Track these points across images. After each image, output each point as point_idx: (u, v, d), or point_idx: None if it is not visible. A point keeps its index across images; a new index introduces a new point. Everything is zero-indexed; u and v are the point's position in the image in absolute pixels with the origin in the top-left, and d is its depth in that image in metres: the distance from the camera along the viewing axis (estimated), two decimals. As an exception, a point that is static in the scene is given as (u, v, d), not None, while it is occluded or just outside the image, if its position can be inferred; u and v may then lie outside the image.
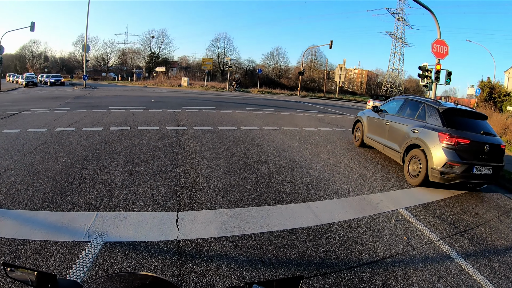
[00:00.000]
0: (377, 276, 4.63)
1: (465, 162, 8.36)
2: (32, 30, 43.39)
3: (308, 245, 5.28)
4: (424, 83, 20.40)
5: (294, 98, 47.90)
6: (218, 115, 18.70)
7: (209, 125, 15.01)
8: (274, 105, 29.23)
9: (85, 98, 27.29)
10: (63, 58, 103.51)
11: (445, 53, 19.58)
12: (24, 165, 8.19)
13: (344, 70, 70.70)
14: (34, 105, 20.71)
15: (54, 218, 5.59)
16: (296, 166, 9.60)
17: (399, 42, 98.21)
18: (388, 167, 10.58)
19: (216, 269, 4.46)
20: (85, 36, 51.12)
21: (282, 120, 19.11)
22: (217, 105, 24.24)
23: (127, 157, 9.19)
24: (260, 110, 23.32)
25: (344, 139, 14.73)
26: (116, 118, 15.70)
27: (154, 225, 5.55)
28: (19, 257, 4.40)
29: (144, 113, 17.92)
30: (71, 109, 18.72)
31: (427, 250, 5.60)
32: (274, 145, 11.97)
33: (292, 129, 15.85)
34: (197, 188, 7.25)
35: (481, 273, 5.08)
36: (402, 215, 6.90)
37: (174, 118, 16.33)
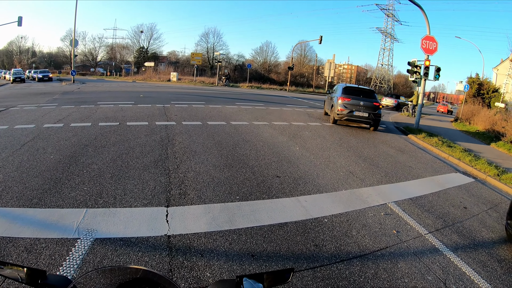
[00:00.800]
0: (367, 269, 4.65)
1: (348, 109, 16.59)
2: (19, 25, 42.78)
3: (298, 239, 5.29)
4: (413, 78, 20.54)
5: (283, 93, 47.89)
6: (208, 110, 18.65)
7: (199, 120, 14.95)
8: (263, 100, 29.20)
9: (73, 94, 27.05)
10: (51, 53, 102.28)
11: (434, 49, 19.70)
12: (12, 162, 8.10)
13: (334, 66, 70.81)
14: (21, 101, 20.48)
15: (43, 215, 5.55)
16: (286, 160, 9.62)
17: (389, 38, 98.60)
18: (378, 161, 10.65)
19: (206, 263, 4.46)
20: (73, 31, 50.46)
21: (271, 115, 19.12)
22: (207, 100, 24.16)
23: (116, 153, 9.13)
24: (250, 105, 23.28)
25: (333, 133, 14.80)
26: (105, 113, 15.59)
27: (144, 221, 5.53)
28: (8, 255, 4.37)
29: (133, 108, 17.81)
30: (59, 105, 18.54)
31: (416, 243, 5.65)
32: (263, 140, 11.98)
33: (282, 124, 15.89)
34: (186, 183, 7.24)
35: (469, 266, 5.14)
36: (391, 209, 6.95)
37: (163, 113, 16.25)
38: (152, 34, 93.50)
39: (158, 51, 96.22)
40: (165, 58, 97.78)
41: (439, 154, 13.51)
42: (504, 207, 8.10)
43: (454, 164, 12.24)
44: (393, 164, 10.71)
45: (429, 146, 14.73)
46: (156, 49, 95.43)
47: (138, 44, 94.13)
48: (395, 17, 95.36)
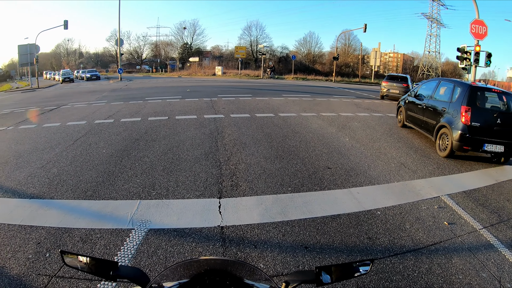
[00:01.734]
0: (421, 264, 4.56)
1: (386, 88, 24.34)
2: (65, 28, 44.50)
3: (351, 232, 5.26)
4: (463, 65, 19.83)
5: (329, 84, 47.45)
6: (255, 103, 18.74)
7: (246, 112, 15.07)
8: (309, 91, 29.03)
9: (121, 91, 27.77)
10: (97, 53, 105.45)
11: (485, 33, 18.94)
12: (66, 156, 8.44)
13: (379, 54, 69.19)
14: (72, 100, 21.25)
15: (97, 207, 5.78)
16: (336, 152, 9.56)
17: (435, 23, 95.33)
18: (429, 152, 10.38)
19: (260, 255, 4.50)
20: (117, 31, 51.81)
21: (319, 106, 18.98)
22: (253, 93, 24.25)
23: (166, 146, 9.34)
24: (296, 96, 23.21)
25: (382, 124, 14.53)
26: (153, 108, 15.94)
27: (197, 212, 5.65)
28: (64, 245, 4.57)
29: (180, 102, 18.12)
30: (109, 102, 19.12)
31: (470, 238, 5.47)
32: (312, 131, 11.93)
33: (330, 115, 15.73)
34: (238, 175, 7.32)
35: (525, 264, 4.94)
36: (445, 202, 6.77)
37: (211, 107, 16.46)
38: (195, 30, 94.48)
39: (201, 46, 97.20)
40: (209, 53, 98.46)
41: (493, 145, 13.04)
42: None
43: (510, 155, 11.78)
44: (446, 155, 10.42)
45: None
46: (199, 44, 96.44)
47: (181, 41, 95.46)
48: (440, 1, 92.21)
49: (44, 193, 6.35)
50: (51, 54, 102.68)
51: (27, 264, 4.16)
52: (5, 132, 11.98)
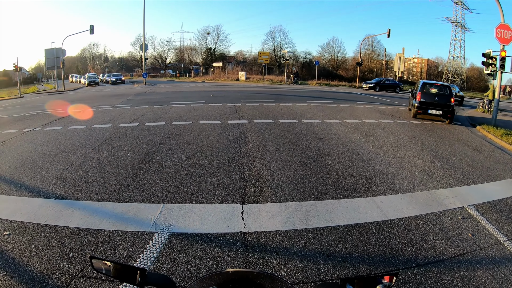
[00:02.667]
0: (443, 276, 4.51)
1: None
2: (91, 33, 45.49)
3: (373, 241, 5.24)
4: (488, 71, 19.38)
5: (352, 90, 47.17)
6: (278, 108, 18.76)
7: (270, 118, 15.08)
8: (333, 97, 28.90)
9: (146, 95, 28.08)
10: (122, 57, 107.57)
11: (510, 38, 18.43)
12: (91, 158, 8.60)
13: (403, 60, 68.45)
14: (97, 103, 21.60)
15: (121, 209, 5.89)
16: (359, 159, 9.52)
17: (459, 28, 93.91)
18: (454, 161, 10.26)
19: (281, 262, 4.52)
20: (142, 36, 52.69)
21: (342, 112, 18.88)
22: (276, 98, 24.25)
23: (190, 151, 9.43)
24: (320, 102, 23.13)
25: (407, 131, 14.40)
26: (178, 113, 16.10)
27: (219, 217, 5.70)
28: (87, 245, 4.69)
29: (204, 107, 18.25)
30: (133, 106, 19.35)
31: (494, 250, 5.37)
32: (336, 138, 11.90)
33: (353, 122, 15.67)
34: (261, 181, 7.36)
35: (551, 278, 4.84)
36: (469, 213, 6.66)
37: (235, 112, 16.54)
38: (218, 35, 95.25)
39: (225, 52, 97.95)
40: (232, 58, 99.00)
41: (518, 154, 12.81)
42: None
43: (535, 165, 11.55)
44: (470, 164, 10.25)
45: (507, 145, 13.91)
46: (223, 49, 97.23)
47: (205, 46, 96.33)
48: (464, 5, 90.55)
49: (69, 194, 6.51)
50: (77, 58, 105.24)
51: (51, 263, 4.28)
52: (32, 133, 12.26)
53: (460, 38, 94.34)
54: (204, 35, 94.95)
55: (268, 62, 74.44)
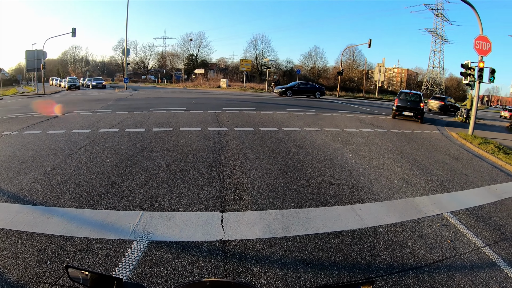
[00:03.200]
0: (423, 282, 4.56)
1: None
2: (73, 36, 45.04)
3: (353, 249, 5.27)
4: (466, 81, 19.77)
5: (333, 99, 47.50)
6: (259, 116, 18.76)
7: (250, 126, 15.08)
8: (314, 105, 29.04)
9: (126, 100, 27.86)
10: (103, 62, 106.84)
11: (488, 49, 18.89)
12: (70, 164, 8.48)
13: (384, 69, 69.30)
14: (77, 107, 21.34)
15: (100, 217, 5.80)
16: (339, 167, 9.57)
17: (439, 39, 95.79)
18: (433, 169, 10.40)
19: (261, 270, 4.51)
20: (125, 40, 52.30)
21: (322, 121, 19.00)
22: (257, 106, 24.29)
23: (170, 158, 9.37)
24: (300, 111, 23.21)
25: (386, 140, 14.55)
26: (158, 119, 15.99)
27: (199, 225, 5.66)
28: (65, 253, 4.60)
29: (185, 114, 18.16)
30: (114, 111, 19.18)
31: (472, 256, 5.47)
32: (316, 146, 11.94)
33: (333, 130, 15.76)
34: (241, 189, 7.34)
35: (528, 282, 4.93)
36: (447, 220, 6.77)
37: (215, 119, 16.50)
38: (201, 42, 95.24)
39: (207, 58, 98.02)
40: (214, 65, 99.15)
41: (495, 162, 13.00)
42: None
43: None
44: (448, 172, 10.41)
45: (485, 153, 14.18)
46: (205, 56, 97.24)
47: (187, 52, 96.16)
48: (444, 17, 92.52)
49: (47, 200, 6.39)
50: (58, 61, 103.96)
51: (28, 271, 4.19)
52: (10, 137, 12.01)
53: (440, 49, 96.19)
54: (187, 42, 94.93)
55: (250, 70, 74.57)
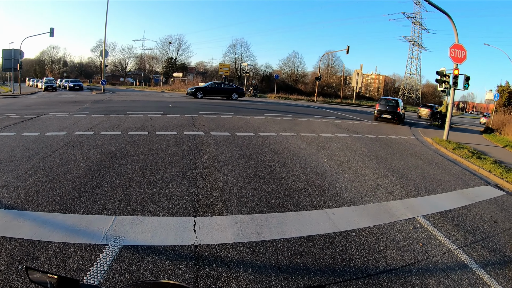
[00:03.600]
0: (394, 285, 4.61)
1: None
2: (51, 36, 44.19)
3: (325, 253, 5.28)
4: (442, 88, 20.15)
5: (311, 104, 47.75)
6: (236, 121, 18.73)
7: (227, 130, 15.03)
8: (291, 110, 29.16)
9: (103, 103, 27.53)
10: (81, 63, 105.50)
11: (463, 57, 19.31)
12: (43, 167, 8.31)
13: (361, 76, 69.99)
14: (53, 109, 20.96)
15: (72, 221, 5.69)
16: (314, 172, 9.59)
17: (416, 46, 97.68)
18: (406, 174, 10.52)
19: (233, 275, 4.49)
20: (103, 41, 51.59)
21: (299, 126, 19.06)
22: (234, 111, 24.24)
23: (145, 162, 9.27)
24: (277, 116, 23.27)
25: (361, 145, 14.68)
26: (134, 122, 15.83)
27: (171, 230, 5.61)
28: (37, 258, 4.51)
29: (162, 118, 18.03)
30: (90, 114, 18.90)
31: (444, 259, 5.56)
32: (291, 151, 11.96)
33: (310, 135, 15.82)
34: (214, 194, 7.30)
35: (499, 283, 5.03)
36: (420, 223, 6.85)
37: (192, 123, 16.40)
38: (180, 45, 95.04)
39: (186, 62, 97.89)
40: (193, 69, 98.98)
41: (469, 166, 13.25)
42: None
43: (485, 176, 11.97)
44: (422, 176, 10.56)
45: (459, 157, 14.44)
46: (184, 59, 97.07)
47: (166, 55, 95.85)
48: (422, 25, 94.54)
49: (19, 204, 6.24)
50: (35, 61, 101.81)
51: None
52: (-18, 140, 11.73)
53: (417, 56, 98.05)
54: (166, 44, 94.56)
55: (228, 74, 74.74)
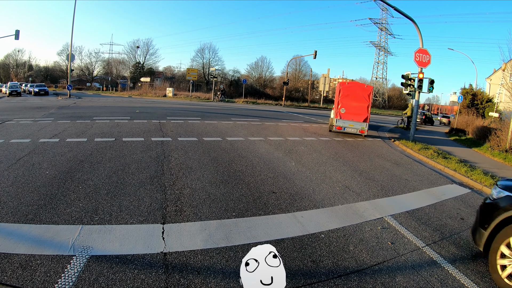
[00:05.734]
0: (365, 284, 4.66)
1: None
2: (16, 39, 42.97)
3: (295, 255, 5.29)
4: (407, 91, 20.62)
5: (279, 108, 48.01)
6: (203, 126, 18.64)
7: (194, 136, 14.94)
8: (259, 115, 29.24)
9: (69, 108, 27.01)
10: (47, 67, 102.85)
11: (428, 61, 19.80)
12: (7, 176, 8.07)
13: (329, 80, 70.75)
14: (17, 115, 20.45)
15: (38, 231, 5.52)
16: (282, 176, 9.62)
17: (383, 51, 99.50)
18: (374, 175, 10.67)
19: (203, 281, 4.45)
20: (70, 45, 50.61)
21: (267, 130, 19.12)
22: (202, 116, 24.16)
23: (111, 169, 9.11)
24: (245, 120, 23.30)
25: (329, 148, 14.84)
26: (101, 129, 15.57)
27: (139, 238, 5.51)
28: (3, 271, 4.35)
29: (129, 124, 17.80)
30: (55, 120, 18.49)
31: (413, 256, 5.66)
32: (259, 156, 11.97)
33: (277, 139, 15.88)
34: (182, 200, 7.22)
35: (468, 277, 5.16)
36: (388, 223, 6.96)
37: (159, 129, 16.25)
38: (148, 49, 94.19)
39: (154, 67, 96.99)
40: (161, 74, 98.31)
41: (434, 166, 13.55)
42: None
43: (450, 175, 12.29)
44: (389, 177, 10.73)
45: (425, 158, 14.77)
46: (152, 64, 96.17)
47: (134, 59, 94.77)
48: (388, 30, 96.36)
49: (-18, 216, 6.05)
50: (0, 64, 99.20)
51: (-38, 291, 3.95)
52: None
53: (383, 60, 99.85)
54: (134, 49, 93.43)
55: (196, 79, 74.48)
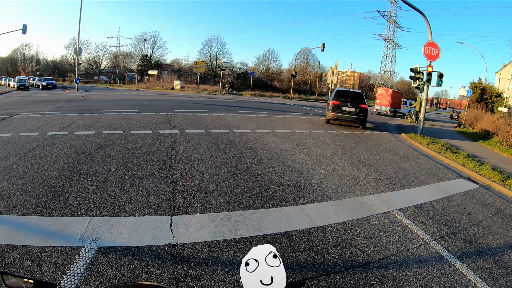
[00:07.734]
0: (372, 278, 4.65)
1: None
2: (24, 33, 42.95)
3: (302, 248, 5.28)
4: (415, 85, 20.49)
5: (286, 101, 47.93)
6: (211, 118, 18.64)
7: (202, 128, 14.95)
8: (266, 108, 29.18)
9: (77, 102, 27.06)
10: (55, 61, 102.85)
11: (437, 55, 19.63)
12: (16, 169, 8.11)
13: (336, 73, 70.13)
14: (26, 109, 20.52)
15: (47, 223, 5.55)
16: (290, 169, 9.61)
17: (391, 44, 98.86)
18: (382, 168, 10.63)
19: (211, 273, 4.45)
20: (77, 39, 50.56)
21: (274, 123, 19.09)
22: (210, 108, 24.16)
23: (120, 161, 9.13)
24: (253, 113, 23.28)
25: (337, 141, 14.79)
26: (109, 121, 15.61)
27: (148, 230, 5.52)
28: (12, 263, 4.37)
29: (136, 116, 17.83)
30: (63, 113, 18.55)
31: (420, 251, 5.63)
32: (267, 148, 11.97)
33: (285, 132, 15.88)
34: (190, 192, 7.23)
35: (474, 273, 5.12)
36: (396, 217, 6.93)
37: (167, 122, 16.27)
38: (155, 42, 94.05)
39: (161, 59, 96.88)
40: (168, 66, 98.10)
41: (443, 160, 13.48)
42: (509, 213, 8.10)
43: (458, 170, 12.21)
44: (397, 171, 10.70)
45: (433, 152, 14.69)
46: (159, 57, 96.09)
47: (141, 53, 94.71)
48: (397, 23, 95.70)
49: (-8, 208, 6.10)
50: (7, 59, 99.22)
51: (-26, 283, 3.97)
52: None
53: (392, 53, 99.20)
54: (141, 42, 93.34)
55: (204, 71, 74.36)
